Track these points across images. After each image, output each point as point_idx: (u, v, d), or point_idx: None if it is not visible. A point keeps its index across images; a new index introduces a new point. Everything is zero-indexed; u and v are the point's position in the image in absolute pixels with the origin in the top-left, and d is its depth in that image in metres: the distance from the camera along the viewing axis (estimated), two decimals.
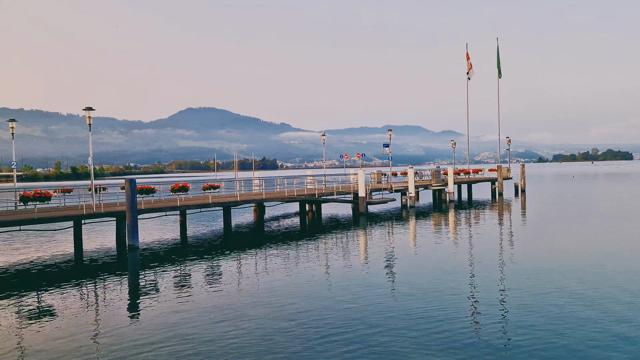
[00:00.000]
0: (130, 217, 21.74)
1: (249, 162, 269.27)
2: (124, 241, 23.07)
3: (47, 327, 11.55)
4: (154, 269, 18.11)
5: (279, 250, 21.41)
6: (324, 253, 20.60)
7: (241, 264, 18.77)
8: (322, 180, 38.92)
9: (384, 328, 10.84)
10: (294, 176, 38.31)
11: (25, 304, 13.84)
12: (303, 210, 34.94)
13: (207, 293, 14.32)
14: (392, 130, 46.27)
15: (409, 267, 17.36)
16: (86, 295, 14.86)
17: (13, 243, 25.52)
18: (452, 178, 44.68)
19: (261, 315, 11.96)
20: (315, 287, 14.71)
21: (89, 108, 23.57)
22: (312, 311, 12.22)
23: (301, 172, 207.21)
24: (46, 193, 22.27)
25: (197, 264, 18.78)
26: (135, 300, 14.09)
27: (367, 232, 26.60)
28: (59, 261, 20.28)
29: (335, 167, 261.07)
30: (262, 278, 16.09)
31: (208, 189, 28.81)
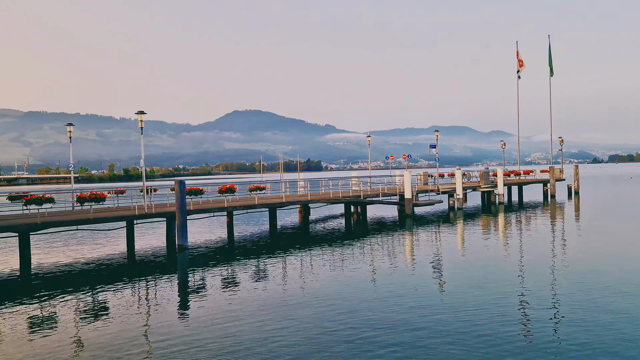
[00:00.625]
0: (179, 217, 22.28)
1: (293, 163, 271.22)
2: (173, 241, 23.65)
3: (102, 323, 11.96)
4: (203, 269, 18.47)
5: (324, 251, 21.43)
6: (370, 255, 20.45)
7: (287, 264, 18.88)
8: (367, 181, 38.70)
9: (431, 331, 10.63)
10: (339, 177, 38.28)
11: (82, 300, 14.39)
12: (348, 211, 34.86)
13: (254, 293, 14.47)
14: (438, 130, 45.54)
15: (457, 270, 17.00)
16: (138, 293, 15.31)
17: (70, 242, 26.63)
18: (502, 179, 43.50)
19: (307, 316, 11.98)
20: (361, 288, 14.62)
21: (140, 112, 24.33)
22: (358, 313, 12.14)
23: (346, 173, 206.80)
24: (101, 194, 23.12)
25: (244, 264, 19.03)
26: (185, 299, 14.40)
27: (414, 234, 26.24)
28: (113, 260, 21.00)
29: (380, 169, 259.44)
30: (307, 279, 16.13)
31: (254, 190, 29.17)
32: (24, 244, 20.22)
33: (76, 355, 9.86)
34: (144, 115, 24.44)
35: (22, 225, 19.87)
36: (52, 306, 13.77)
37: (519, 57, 57.29)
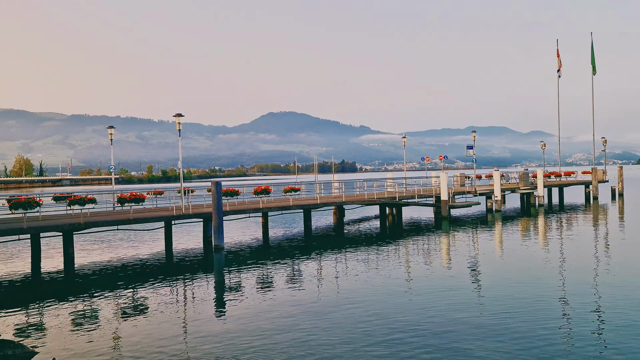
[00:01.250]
0: (216, 218, 22.59)
1: (328, 165, 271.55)
2: (210, 241, 23.99)
3: (141, 321, 12.23)
4: (238, 269, 18.67)
5: (359, 253, 21.33)
6: (405, 257, 20.25)
7: (322, 266, 18.88)
8: (402, 183, 38.36)
9: (468, 335, 10.42)
10: (374, 179, 38.08)
11: (122, 298, 14.75)
12: (383, 213, 34.61)
13: (289, 294, 14.52)
14: (476, 131, 44.74)
15: (495, 274, 16.64)
16: (176, 292, 15.59)
17: (111, 241, 27.36)
18: (542, 181, 42.38)
19: (342, 318, 11.94)
20: (397, 291, 14.48)
21: (178, 114, 24.80)
22: (393, 315, 12.02)
23: (381, 174, 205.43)
24: (140, 195, 23.68)
25: (279, 265, 19.14)
26: (221, 299, 14.58)
27: (450, 237, 25.84)
28: (151, 259, 21.46)
29: (415, 170, 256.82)
30: (342, 280, 16.09)
31: (289, 191, 29.32)
32: (68, 243, 20.89)
33: (116, 351, 10.10)
34: (182, 118, 24.91)
35: (66, 225, 20.54)
36: (94, 303, 14.17)
37: (559, 57, 55.76)
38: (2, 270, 19.52)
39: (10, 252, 23.96)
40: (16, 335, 11.22)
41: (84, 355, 9.86)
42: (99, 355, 9.89)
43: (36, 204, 20.54)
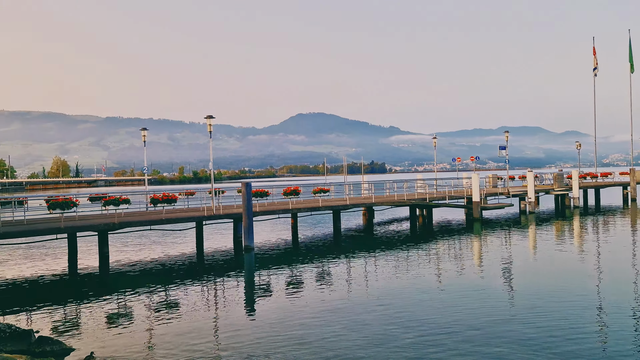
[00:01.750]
0: (246, 219, 22.77)
1: (357, 165, 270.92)
2: (240, 242, 24.20)
3: (173, 319, 12.41)
4: (268, 269, 18.76)
5: (388, 254, 21.19)
6: (436, 259, 20.00)
7: (351, 267, 18.82)
8: (433, 184, 37.94)
9: (500, 340, 10.21)
10: (404, 180, 37.76)
11: (154, 296, 15.00)
12: (413, 214, 34.32)
13: (319, 295, 14.52)
14: (509, 131, 43.93)
15: (528, 277, 16.29)
16: (207, 291, 15.77)
17: (144, 241, 27.88)
18: (577, 182, 41.29)
19: (372, 320, 11.86)
20: (427, 293, 14.31)
21: (209, 116, 25.11)
22: (423, 318, 11.88)
23: (411, 175, 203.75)
24: (172, 196, 24.06)
25: (308, 266, 19.16)
26: (251, 299, 14.68)
27: (482, 239, 25.42)
28: (183, 259, 21.78)
29: (446, 171, 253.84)
30: (372, 282, 15.99)
31: (318, 192, 29.33)
32: (103, 242, 21.39)
33: (149, 349, 10.26)
34: (212, 120, 25.20)
35: (102, 225, 21.04)
36: (128, 302, 14.46)
37: (595, 55, 54.29)
38: (41, 269, 20.11)
39: (48, 251, 24.66)
40: (54, 332, 11.53)
41: (118, 352, 10.05)
42: (133, 352, 10.07)
43: (73, 204, 21.10)
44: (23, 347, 9.73)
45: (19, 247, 25.13)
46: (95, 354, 9.95)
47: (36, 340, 9.95)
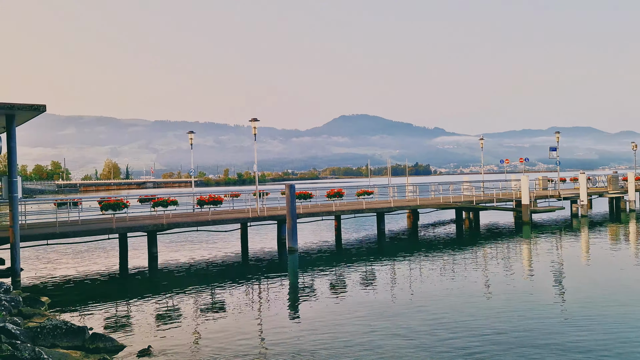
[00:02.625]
0: (290, 221, 22.91)
1: (401, 167, 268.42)
2: (284, 243, 24.38)
3: (219, 319, 12.60)
4: (312, 271, 18.80)
5: (434, 258, 20.84)
6: (483, 263, 19.52)
7: (395, 270, 18.62)
8: (480, 186, 37.12)
9: (550, 350, 9.83)
10: (449, 182, 37.10)
11: (201, 296, 15.29)
12: (459, 217, 33.66)
13: (362, 298, 14.42)
14: (559, 132, 42.48)
15: (580, 283, 15.66)
16: (252, 292, 15.95)
17: (191, 241, 28.48)
18: (634, 184, 39.46)
19: (417, 324, 11.67)
20: (473, 298, 13.97)
21: (254, 119, 25.45)
22: (470, 323, 11.60)
23: (456, 178, 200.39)
24: (218, 198, 24.52)
25: (352, 268, 19.08)
26: (295, 300, 14.74)
27: (532, 243, 24.65)
28: (228, 259, 22.11)
29: (494, 173, 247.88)
30: (416, 286, 15.76)
31: (362, 194, 29.20)
32: (152, 243, 22.01)
33: (195, 348, 10.45)
34: (257, 123, 25.52)
35: (151, 225, 21.67)
36: (176, 301, 14.79)
37: None
38: (94, 268, 20.86)
39: (100, 250, 25.56)
40: (106, 329, 11.91)
41: (166, 350, 10.28)
42: (180, 351, 10.28)
43: (124, 206, 21.84)
44: (78, 343, 10.09)
45: (74, 246, 26.15)
46: (151, 348, 10.23)
47: (90, 337, 10.30)
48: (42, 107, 17.55)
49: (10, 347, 8.48)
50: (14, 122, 17.91)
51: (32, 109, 17.33)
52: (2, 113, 17.38)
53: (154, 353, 10.11)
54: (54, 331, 10.08)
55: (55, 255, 24.18)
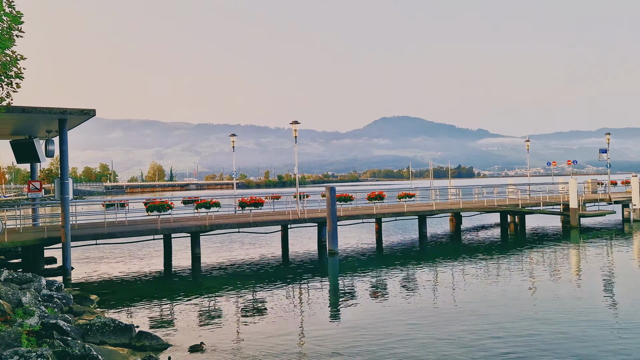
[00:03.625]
0: (330, 223, 22.91)
1: (443, 170, 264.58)
2: (324, 245, 24.39)
3: (260, 320, 12.71)
4: (353, 274, 18.72)
5: (477, 262, 20.39)
6: (529, 268, 18.96)
7: (437, 274, 18.32)
8: (526, 189, 36.11)
9: (599, 358, 9.42)
10: (494, 185, 36.26)
11: (243, 297, 15.46)
12: (504, 221, 32.84)
13: (404, 301, 14.25)
14: (610, 133, 40.88)
15: (632, 289, 14.97)
16: (292, 293, 16.01)
17: (233, 243, 28.89)
18: None
19: (459, 329, 11.43)
20: (519, 304, 13.57)
21: (295, 122, 25.61)
22: (516, 330, 11.26)
23: (500, 180, 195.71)
24: (259, 200, 24.77)
25: (393, 272, 18.89)
26: (336, 303, 14.70)
27: (580, 248, 23.78)
28: (269, 261, 22.29)
29: (540, 176, 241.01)
30: (459, 290, 15.45)
31: (403, 197, 28.90)
32: (195, 243, 22.46)
33: (234, 348, 10.55)
34: (297, 125, 25.67)
35: (194, 227, 22.11)
36: (218, 301, 15.01)
37: None
38: (139, 267, 21.43)
39: (146, 250, 26.25)
40: (151, 327, 12.20)
41: (209, 350, 10.43)
42: (222, 351, 10.40)
43: (168, 207, 22.37)
44: (125, 340, 10.37)
45: (121, 245, 26.95)
46: (203, 344, 10.44)
47: (136, 335, 10.57)
48: (92, 111, 18.20)
49: (62, 343, 8.79)
50: (66, 126, 18.64)
51: (82, 114, 18.00)
52: (55, 118, 18.13)
53: (205, 349, 10.31)
54: (103, 328, 10.40)
55: (103, 255, 24.99)
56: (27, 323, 10.00)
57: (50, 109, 17.51)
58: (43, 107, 17.37)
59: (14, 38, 11.21)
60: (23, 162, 22.93)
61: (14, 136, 22.48)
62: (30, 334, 9.33)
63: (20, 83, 11.46)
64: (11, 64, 11.10)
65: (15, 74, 11.18)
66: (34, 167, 25.17)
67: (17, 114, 16.97)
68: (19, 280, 14.61)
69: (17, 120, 18.41)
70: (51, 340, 8.92)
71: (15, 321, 10.04)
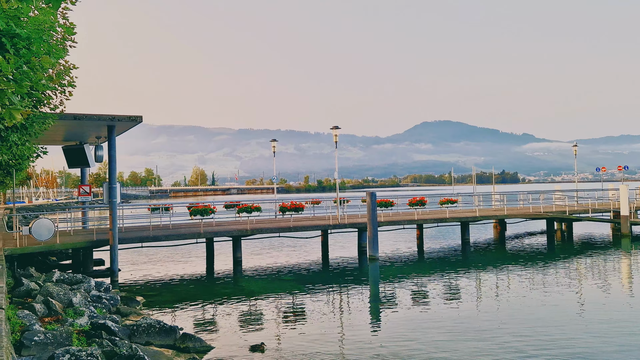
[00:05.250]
0: (371, 229, 22.79)
1: (487, 175, 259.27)
2: (364, 251, 24.27)
3: (301, 325, 12.73)
4: (393, 280, 18.55)
5: (522, 271, 19.83)
6: (577, 277, 18.31)
7: (481, 282, 17.92)
8: (573, 195, 34.94)
9: None
10: (540, 191, 35.25)
11: (284, 301, 15.54)
12: (550, 228, 31.84)
13: (446, 310, 14.00)
14: None
15: None
16: (332, 299, 15.99)
17: (273, 247, 29.13)
18: None
19: (503, 339, 11.13)
20: (566, 315, 13.11)
21: (335, 127, 25.64)
22: (561, 341, 10.88)
23: (546, 186, 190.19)
24: (300, 204, 24.92)
25: (434, 279, 18.61)
26: (376, 309, 14.58)
27: (632, 257, 22.80)
28: (310, 266, 22.35)
29: (588, 182, 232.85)
30: (503, 299, 15.06)
31: (445, 203, 28.45)
32: (237, 247, 22.77)
33: (278, 351, 10.60)
34: (338, 130, 25.69)
35: (236, 231, 22.44)
36: (259, 304, 15.14)
37: None
38: (183, 270, 21.89)
39: (189, 254, 26.78)
40: (194, 330, 12.41)
41: (248, 354, 10.52)
42: (264, 354, 10.47)
43: (211, 211, 22.78)
44: (170, 342, 10.60)
45: (164, 248, 27.59)
46: (228, 353, 10.55)
47: (181, 337, 10.78)
48: (139, 118, 18.77)
49: (110, 343, 9.06)
50: (114, 132, 19.28)
51: (130, 120, 18.58)
52: (104, 124, 18.78)
53: (231, 356, 10.41)
54: (148, 329, 10.66)
55: (148, 257, 25.64)
56: (77, 323, 10.36)
57: (100, 116, 18.17)
58: (93, 114, 18.04)
59: (67, 48, 11.67)
60: (74, 167, 23.87)
61: (66, 142, 23.41)
62: (80, 333, 9.66)
63: (72, 91, 11.93)
64: (64, 73, 11.56)
65: (68, 82, 11.63)
66: (83, 172, 26.15)
67: (69, 121, 17.68)
68: (69, 281, 15.17)
69: (68, 126, 19.19)
70: (100, 340, 9.21)
71: (66, 320, 10.42)
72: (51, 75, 11.03)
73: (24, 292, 12.93)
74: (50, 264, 21.74)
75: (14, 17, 8.42)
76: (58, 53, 10.75)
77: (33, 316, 10.23)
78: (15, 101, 4.59)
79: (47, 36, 9.93)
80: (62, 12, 11.34)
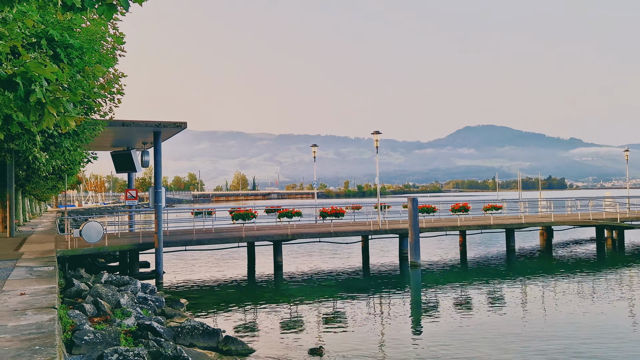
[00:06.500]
0: (412, 235, 22.53)
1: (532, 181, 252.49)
2: (405, 257, 24.01)
3: (341, 330, 12.69)
4: (435, 287, 18.25)
5: (570, 280, 19.15)
6: (628, 287, 17.55)
7: (526, 291, 17.41)
8: (625, 202, 33.54)
9: None
10: (589, 197, 34.00)
11: (324, 306, 15.53)
12: (600, 236, 30.65)
13: (490, 318, 13.67)
14: None
15: None
16: (373, 305, 15.88)
17: (314, 252, 29.19)
18: None
19: (549, 350, 10.76)
20: (616, 326, 12.56)
21: (376, 132, 25.52)
22: (610, 354, 10.40)
23: (596, 192, 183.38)
24: (340, 210, 24.88)
25: (478, 286, 18.21)
26: (418, 316, 14.39)
27: None
28: (350, 271, 22.27)
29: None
30: (550, 309, 14.58)
31: (489, 209, 27.82)
32: (277, 252, 22.93)
33: (315, 358, 10.58)
34: (379, 135, 25.56)
35: (277, 236, 22.62)
36: (300, 309, 15.18)
37: None
38: (225, 273, 22.21)
39: (230, 257, 27.17)
40: (236, 332, 12.56)
41: (294, 357, 10.56)
42: (321, 358, 10.50)
43: (252, 216, 23.05)
44: (212, 344, 10.77)
45: (207, 252, 28.10)
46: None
47: (223, 339, 10.94)
48: (184, 124, 19.23)
49: (155, 343, 9.28)
50: (160, 138, 19.82)
51: (175, 126, 19.06)
52: (151, 130, 19.34)
53: (276, 357, 10.45)
54: (192, 331, 10.86)
55: (191, 260, 26.16)
56: (125, 323, 10.66)
57: (147, 122, 18.73)
58: (140, 121, 18.61)
59: (117, 57, 12.11)
60: (121, 171, 24.64)
61: (114, 148, 24.23)
62: (127, 333, 9.94)
63: (121, 98, 12.36)
64: (114, 81, 11.99)
65: (117, 90, 12.06)
66: (130, 177, 26.95)
67: (118, 127, 18.29)
68: (117, 283, 15.65)
69: (117, 133, 19.85)
70: (146, 340, 9.45)
71: (114, 321, 10.74)
72: (102, 83, 11.45)
73: (75, 292, 13.41)
74: (99, 266, 22.49)
75: (67, 28, 8.82)
76: (108, 62, 11.16)
77: (83, 316, 10.60)
78: (70, 109, 4.78)
79: (98, 46, 10.34)
80: (112, 22, 11.78)
